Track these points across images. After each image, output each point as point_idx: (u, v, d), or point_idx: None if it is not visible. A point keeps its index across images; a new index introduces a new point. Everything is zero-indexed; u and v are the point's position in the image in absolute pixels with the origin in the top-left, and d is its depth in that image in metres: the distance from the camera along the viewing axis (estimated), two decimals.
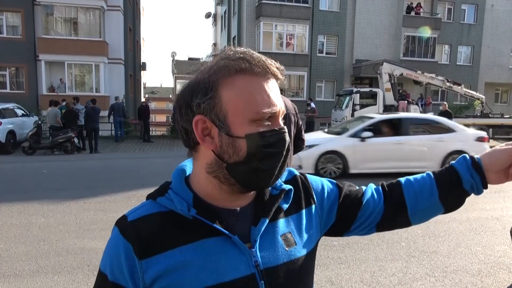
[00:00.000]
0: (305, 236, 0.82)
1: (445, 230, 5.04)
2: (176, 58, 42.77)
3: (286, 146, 0.73)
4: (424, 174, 0.93)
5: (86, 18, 19.43)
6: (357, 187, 0.95)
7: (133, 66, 25.05)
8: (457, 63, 25.63)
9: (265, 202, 0.79)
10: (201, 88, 0.70)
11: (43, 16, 18.75)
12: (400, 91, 18.15)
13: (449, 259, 4.14)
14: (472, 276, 3.73)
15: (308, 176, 0.91)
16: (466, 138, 8.62)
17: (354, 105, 15.20)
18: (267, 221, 0.76)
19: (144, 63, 31.03)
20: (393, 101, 15.47)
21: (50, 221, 5.29)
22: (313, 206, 0.86)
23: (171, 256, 0.70)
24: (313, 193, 0.87)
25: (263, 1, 21.58)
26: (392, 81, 15.78)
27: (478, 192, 0.88)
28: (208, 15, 36.59)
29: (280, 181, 0.82)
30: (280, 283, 0.75)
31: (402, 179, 0.93)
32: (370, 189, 0.93)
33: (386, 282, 3.58)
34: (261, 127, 0.70)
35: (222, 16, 31.20)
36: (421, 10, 24.11)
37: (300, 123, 3.29)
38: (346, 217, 0.89)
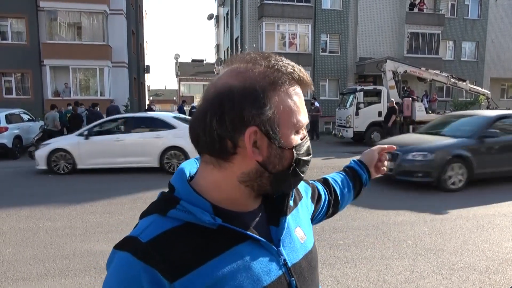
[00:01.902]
0: (307, 226, 0.88)
1: (452, 228, 5.01)
2: (179, 60, 42.96)
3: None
4: (339, 174, 1.22)
5: (89, 23, 19.57)
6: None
7: (137, 69, 25.17)
8: (462, 59, 25.44)
9: (276, 202, 0.80)
10: (255, 98, 0.66)
11: (47, 21, 18.91)
12: (405, 89, 18.04)
13: (456, 256, 4.11)
14: (480, 273, 3.70)
15: None
16: (184, 134, 9.04)
17: (358, 103, 15.14)
18: (287, 219, 0.79)
19: (147, 66, 31.17)
20: (397, 99, 15.38)
21: (57, 224, 5.33)
22: (303, 199, 0.95)
23: (206, 271, 0.65)
24: (299, 189, 0.95)
25: (265, 1, 21.57)
26: (396, 79, 15.70)
27: (367, 183, 1.22)
28: (210, 17, 36.68)
29: None
30: (304, 275, 0.78)
31: (329, 177, 1.18)
32: (320, 185, 1.12)
33: (393, 280, 3.57)
34: (299, 135, 0.73)
35: (224, 17, 31.25)
36: (424, 6, 23.96)
37: None
38: (313, 209, 1.03)
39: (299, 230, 0.83)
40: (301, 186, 0.98)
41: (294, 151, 0.71)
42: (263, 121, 0.67)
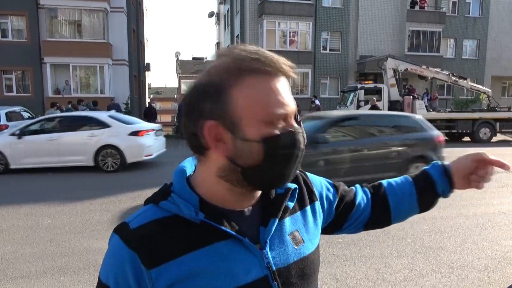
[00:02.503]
0: (311, 232, 0.83)
1: (451, 226, 5.00)
2: (180, 58, 42.90)
3: (302, 146, 0.70)
4: (402, 178, 1.02)
5: (89, 20, 19.55)
6: (348, 188, 1.00)
7: (137, 67, 25.14)
8: (463, 57, 25.39)
9: (272, 202, 0.77)
10: (212, 91, 0.67)
11: (47, 19, 18.90)
12: (406, 87, 18.01)
13: (455, 254, 4.10)
14: (479, 271, 3.70)
15: (308, 174, 0.92)
16: (119, 133, 9.18)
17: (358, 101, 15.12)
18: (277, 221, 0.75)
19: (148, 64, 31.13)
20: (398, 97, 15.37)
21: (56, 222, 5.33)
22: (316, 202, 0.88)
23: (181, 263, 0.67)
24: (315, 191, 0.89)
25: None
26: (397, 77, 15.67)
27: (446, 195, 0.98)
28: (211, 14, 36.62)
29: None
30: (292, 282, 0.75)
31: (384, 182, 1.02)
32: (360, 191, 1.00)
33: (392, 278, 3.56)
34: (276, 129, 0.67)
35: (225, 15, 31.20)
36: (426, 4, 23.87)
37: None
38: (341, 216, 0.95)
39: (297, 234, 0.79)
40: (322, 188, 0.91)
41: (264, 144, 0.66)
42: (221, 114, 0.66)
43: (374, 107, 14.18)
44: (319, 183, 0.93)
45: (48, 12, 18.86)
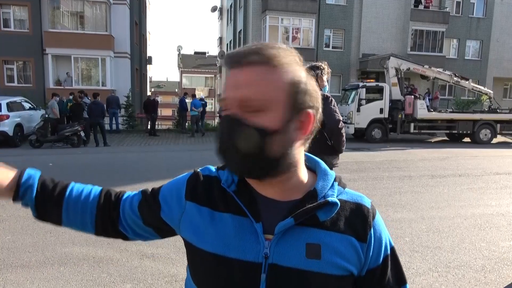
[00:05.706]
0: (340, 259, 0.76)
1: (449, 226, 5.02)
2: (182, 52, 42.80)
3: (226, 129, 0.73)
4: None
5: (92, 12, 19.49)
6: None
7: (139, 60, 25.10)
8: (465, 58, 25.32)
9: (303, 205, 0.76)
10: None
11: (50, 10, 18.83)
12: (406, 86, 17.98)
13: (452, 254, 4.13)
14: (476, 271, 3.73)
15: (378, 222, 0.82)
16: None
17: (360, 99, 15.09)
18: (293, 221, 0.74)
19: (150, 57, 31.05)
20: (399, 96, 15.34)
21: None
22: (363, 244, 0.79)
23: (203, 211, 0.81)
24: (368, 235, 0.79)
25: None
26: (399, 76, 15.64)
27: None
28: (214, 9, 36.48)
29: (330, 193, 0.79)
30: (283, 286, 0.74)
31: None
32: None
33: None
34: None
35: (228, 10, 31.08)
36: (431, 4, 23.74)
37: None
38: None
39: (317, 248, 0.75)
40: (382, 243, 0.82)
41: None
42: None
43: None
44: (383, 236, 0.82)
45: (51, 3, 18.80)
